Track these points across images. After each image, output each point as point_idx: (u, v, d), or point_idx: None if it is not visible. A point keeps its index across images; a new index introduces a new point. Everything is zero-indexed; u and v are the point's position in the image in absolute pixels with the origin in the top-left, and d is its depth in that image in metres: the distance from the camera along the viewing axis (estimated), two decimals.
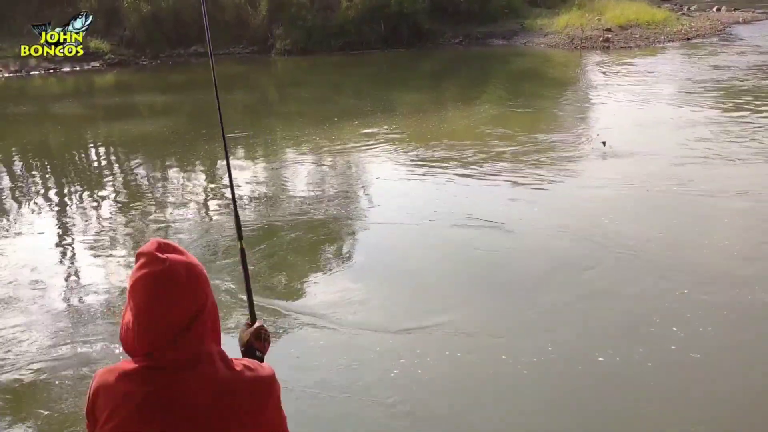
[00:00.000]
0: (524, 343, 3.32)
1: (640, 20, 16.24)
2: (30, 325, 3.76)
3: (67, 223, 5.57)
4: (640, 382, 2.99)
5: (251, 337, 1.39)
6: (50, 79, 14.46)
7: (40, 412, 3.02)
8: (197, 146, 7.97)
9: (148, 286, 1.03)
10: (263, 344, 1.39)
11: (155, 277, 1.03)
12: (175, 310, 1.04)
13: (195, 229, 5.24)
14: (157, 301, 1.03)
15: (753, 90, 9.32)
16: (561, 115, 8.87)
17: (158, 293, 1.03)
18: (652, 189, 5.41)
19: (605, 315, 3.59)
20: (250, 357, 1.34)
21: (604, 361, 3.12)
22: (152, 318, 1.03)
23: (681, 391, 2.94)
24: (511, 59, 13.96)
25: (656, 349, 3.19)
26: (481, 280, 4.08)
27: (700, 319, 3.44)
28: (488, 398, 2.97)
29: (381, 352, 3.31)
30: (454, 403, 2.92)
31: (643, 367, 3.07)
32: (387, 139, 7.69)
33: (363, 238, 4.93)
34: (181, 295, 1.04)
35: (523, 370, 3.10)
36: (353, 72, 13.94)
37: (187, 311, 1.04)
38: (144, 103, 11.63)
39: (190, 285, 1.06)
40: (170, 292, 1.03)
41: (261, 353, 1.38)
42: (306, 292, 4.09)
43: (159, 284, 1.03)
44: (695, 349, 3.19)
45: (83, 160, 8.19)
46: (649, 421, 2.78)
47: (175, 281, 1.04)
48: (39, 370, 3.32)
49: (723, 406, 2.84)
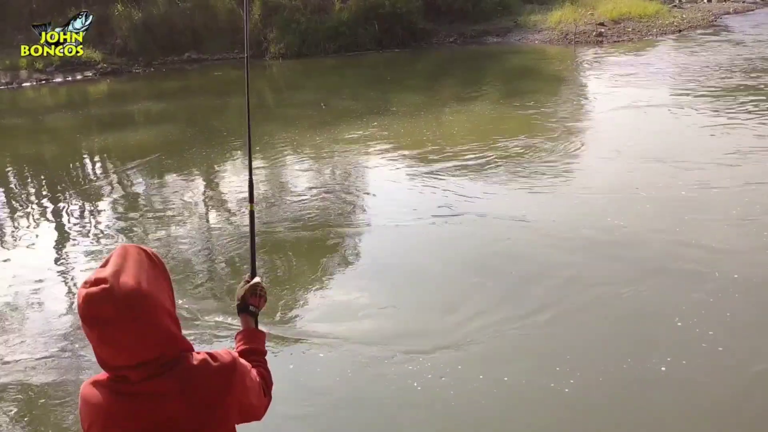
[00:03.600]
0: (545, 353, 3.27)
1: (632, 14, 16.27)
2: (26, 337, 3.71)
3: (63, 235, 5.49)
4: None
5: (246, 293, 1.42)
6: (42, 90, 14.35)
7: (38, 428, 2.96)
8: (194, 153, 7.90)
9: (91, 328, 1.04)
10: (258, 299, 1.42)
11: (91, 318, 1.03)
12: (125, 353, 1.04)
13: (195, 238, 5.17)
14: (102, 342, 1.05)
15: (745, 84, 9.31)
16: (556, 112, 8.84)
17: (101, 337, 1.04)
18: (654, 190, 5.38)
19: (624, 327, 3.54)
20: (244, 312, 1.41)
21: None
22: (104, 356, 1.06)
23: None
24: (506, 57, 13.93)
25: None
26: (491, 281, 4.03)
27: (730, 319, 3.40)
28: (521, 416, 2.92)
29: (396, 366, 3.25)
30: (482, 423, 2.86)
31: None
32: (385, 141, 7.64)
33: (363, 240, 4.87)
34: (124, 336, 1.04)
35: (550, 382, 3.04)
36: (349, 74, 13.88)
37: (139, 348, 1.05)
38: (139, 111, 11.54)
39: (130, 318, 1.03)
40: (113, 335, 1.03)
41: (255, 308, 1.41)
42: (307, 298, 4.03)
43: (99, 328, 1.03)
44: (728, 350, 3.14)
45: (79, 170, 8.10)
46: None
47: (110, 324, 1.03)
48: (34, 380, 3.26)
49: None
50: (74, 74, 15.25)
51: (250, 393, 1.17)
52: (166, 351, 1.08)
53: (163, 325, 1.07)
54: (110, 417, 1.07)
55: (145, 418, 1.07)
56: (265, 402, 1.25)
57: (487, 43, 15.56)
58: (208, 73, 14.69)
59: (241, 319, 1.43)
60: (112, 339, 1.03)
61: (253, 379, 1.20)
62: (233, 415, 1.14)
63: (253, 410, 1.20)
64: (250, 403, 1.18)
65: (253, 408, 1.19)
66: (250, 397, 1.18)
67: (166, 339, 1.08)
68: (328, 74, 13.88)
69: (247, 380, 1.17)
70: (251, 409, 1.19)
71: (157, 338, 1.06)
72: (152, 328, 1.05)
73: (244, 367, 1.17)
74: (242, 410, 1.16)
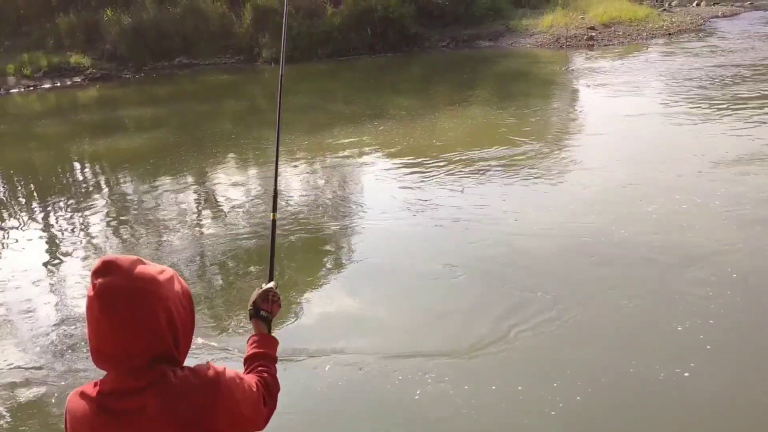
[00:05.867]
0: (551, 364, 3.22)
1: (622, 18, 16.41)
2: (17, 344, 3.63)
3: (54, 242, 5.38)
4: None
5: (258, 299, 1.42)
6: (30, 96, 14.17)
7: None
8: (187, 159, 7.79)
9: (91, 311, 1.04)
10: (270, 305, 1.41)
11: (93, 306, 1.03)
12: (121, 343, 1.04)
13: (187, 246, 5.08)
14: (98, 332, 1.04)
15: (735, 87, 9.38)
16: (549, 116, 8.84)
17: (99, 327, 1.04)
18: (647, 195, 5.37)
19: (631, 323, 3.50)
20: (256, 317, 1.40)
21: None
22: (100, 348, 1.06)
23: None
24: (498, 60, 13.97)
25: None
26: (488, 287, 3.98)
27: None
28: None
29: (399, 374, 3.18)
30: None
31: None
32: (378, 145, 7.59)
33: (359, 245, 4.81)
34: (113, 323, 1.03)
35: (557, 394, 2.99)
36: (342, 78, 13.84)
37: (133, 342, 1.04)
38: (129, 117, 11.41)
39: (130, 313, 1.03)
40: (112, 324, 1.03)
41: (267, 313, 1.40)
42: (304, 305, 3.95)
43: (99, 315, 1.03)
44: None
45: (69, 177, 7.97)
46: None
47: (114, 312, 1.03)
48: (25, 389, 3.15)
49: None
50: (63, 80, 15.08)
51: (242, 405, 1.13)
52: (146, 354, 1.05)
53: (159, 328, 1.05)
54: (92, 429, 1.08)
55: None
56: (264, 411, 1.22)
57: (479, 47, 15.60)
58: (199, 78, 14.60)
59: (252, 324, 1.42)
60: (110, 317, 1.03)
61: (246, 390, 1.16)
62: (223, 430, 1.10)
63: (248, 422, 1.16)
64: (242, 415, 1.14)
65: (247, 420, 1.16)
66: (243, 409, 1.14)
67: (155, 341, 1.06)
68: (320, 79, 13.83)
69: (238, 393, 1.13)
70: (246, 421, 1.16)
71: (147, 336, 1.04)
72: (147, 322, 1.04)
73: (232, 380, 1.13)
74: (234, 424, 1.12)
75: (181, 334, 1.11)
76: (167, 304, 1.07)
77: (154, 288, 1.06)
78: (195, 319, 1.16)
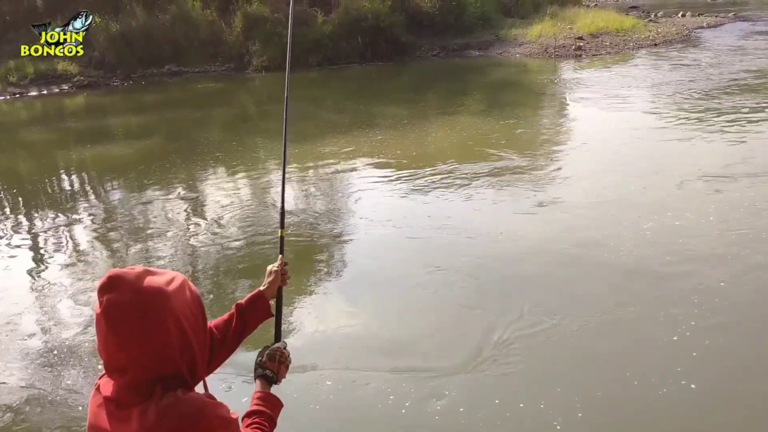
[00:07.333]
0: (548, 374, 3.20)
1: (609, 28, 16.65)
2: (3, 354, 3.53)
3: (41, 253, 5.28)
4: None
5: (264, 357, 1.38)
6: (17, 104, 13.99)
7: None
8: (176, 168, 7.72)
9: (99, 327, 1.04)
10: (276, 365, 1.37)
11: (101, 323, 1.03)
12: (128, 358, 1.03)
13: (176, 254, 5.01)
14: (107, 348, 1.05)
15: (723, 96, 9.53)
16: (538, 126, 8.91)
17: (107, 343, 1.04)
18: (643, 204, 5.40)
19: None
20: (261, 377, 1.36)
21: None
22: (109, 362, 1.06)
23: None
24: (488, 70, 14.07)
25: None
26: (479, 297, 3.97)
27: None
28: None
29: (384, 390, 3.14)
30: None
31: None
32: (368, 154, 7.58)
33: (349, 255, 4.77)
34: (121, 341, 1.03)
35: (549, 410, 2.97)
36: (332, 87, 13.85)
37: (138, 359, 1.03)
38: (117, 125, 11.30)
39: (133, 327, 1.03)
40: (119, 341, 1.03)
41: (272, 373, 1.36)
42: (297, 317, 3.91)
43: (107, 332, 1.03)
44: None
45: (56, 186, 7.85)
46: None
47: (117, 324, 1.03)
48: (17, 400, 3.07)
49: None
50: (50, 87, 14.91)
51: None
52: (148, 373, 1.03)
53: (169, 345, 1.03)
54: (92, 429, 1.11)
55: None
56: None
57: (469, 56, 15.71)
58: (189, 86, 14.52)
59: (256, 383, 1.38)
60: (117, 333, 1.03)
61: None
62: None
63: None
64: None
65: None
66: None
67: (162, 361, 1.04)
68: (311, 87, 13.81)
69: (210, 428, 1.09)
70: None
71: (155, 353, 1.03)
72: (155, 338, 1.02)
73: (220, 420, 1.08)
74: None
75: (196, 345, 1.09)
76: (177, 316, 1.05)
77: (162, 302, 1.04)
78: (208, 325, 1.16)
